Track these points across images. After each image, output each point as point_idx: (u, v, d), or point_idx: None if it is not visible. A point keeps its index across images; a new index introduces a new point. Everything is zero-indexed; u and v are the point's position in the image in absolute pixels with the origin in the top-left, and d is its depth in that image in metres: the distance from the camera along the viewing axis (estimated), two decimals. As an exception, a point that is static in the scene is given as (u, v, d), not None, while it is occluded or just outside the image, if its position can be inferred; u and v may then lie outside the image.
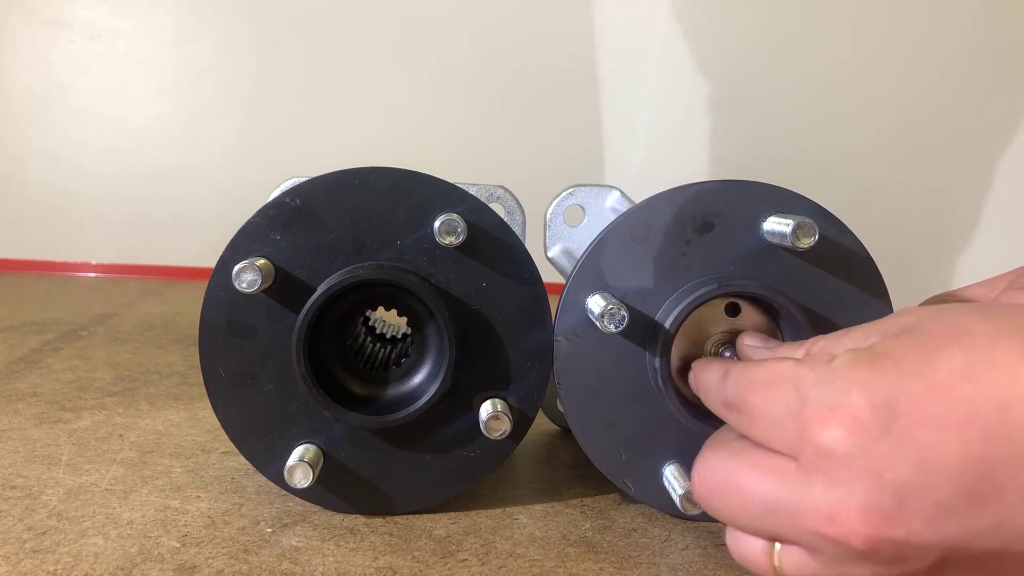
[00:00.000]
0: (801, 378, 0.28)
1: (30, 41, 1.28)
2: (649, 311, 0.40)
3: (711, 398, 0.34)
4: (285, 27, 1.31)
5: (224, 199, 1.27)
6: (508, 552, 0.39)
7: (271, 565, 0.36)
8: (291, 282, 0.39)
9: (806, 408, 0.27)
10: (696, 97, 1.30)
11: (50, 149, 1.31)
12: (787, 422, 0.27)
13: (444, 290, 0.40)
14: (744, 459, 0.29)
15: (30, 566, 0.35)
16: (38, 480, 0.45)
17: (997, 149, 1.27)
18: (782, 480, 0.27)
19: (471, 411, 0.41)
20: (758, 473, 0.28)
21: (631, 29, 1.31)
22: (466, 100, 1.33)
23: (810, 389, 0.27)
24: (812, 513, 0.26)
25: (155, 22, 1.29)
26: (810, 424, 0.26)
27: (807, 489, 0.26)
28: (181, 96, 1.31)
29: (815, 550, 0.27)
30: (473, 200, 0.40)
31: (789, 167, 1.26)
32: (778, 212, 0.39)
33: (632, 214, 0.40)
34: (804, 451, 0.27)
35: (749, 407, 0.30)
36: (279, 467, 0.39)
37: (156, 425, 0.55)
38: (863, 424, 0.25)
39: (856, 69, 1.27)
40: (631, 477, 0.42)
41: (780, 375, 0.29)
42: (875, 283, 0.40)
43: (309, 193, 0.39)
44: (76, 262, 1.31)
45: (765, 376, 0.29)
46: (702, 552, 0.39)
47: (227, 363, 0.40)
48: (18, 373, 0.68)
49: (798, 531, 0.27)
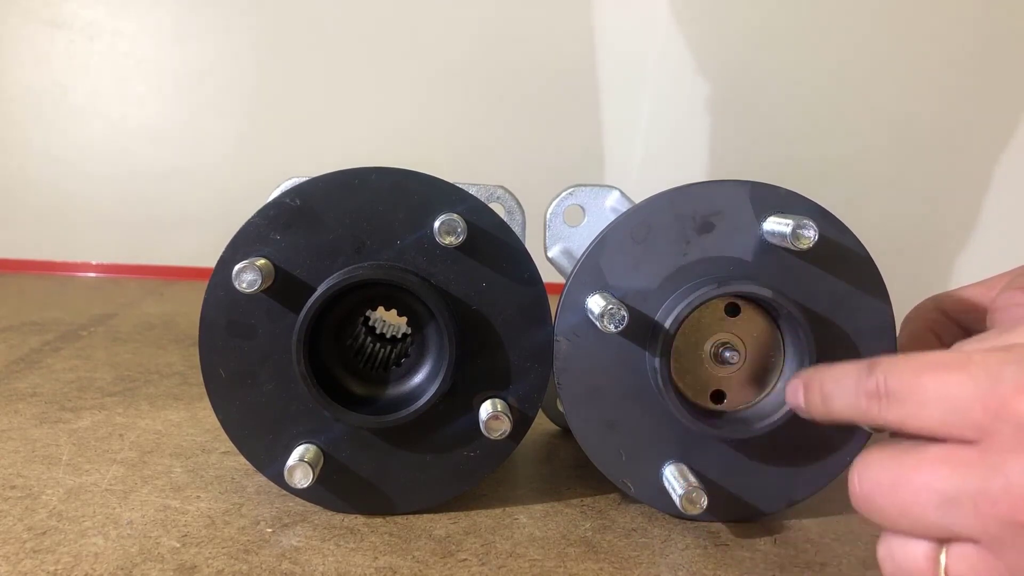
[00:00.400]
0: (988, 359, 0.26)
1: (30, 41, 1.28)
2: (649, 311, 0.40)
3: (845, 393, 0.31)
4: (285, 27, 1.31)
5: (224, 199, 1.26)
6: (508, 552, 0.39)
7: (271, 565, 0.36)
8: (291, 282, 0.39)
9: (1000, 384, 0.25)
10: (696, 97, 1.30)
11: (50, 149, 1.30)
12: (975, 401, 0.25)
13: (444, 290, 0.40)
14: (916, 452, 0.27)
15: (30, 566, 0.35)
16: (38, 480, 0.45)
17: (996, 149, 1.27)
18: (966, 467, 0.25)
19: (471, 411, 0.41)
20: (935, 463, 0.26)
21: (631, 29, 1.31)
22: (466, 100, 1.33)
23: (1003, 367, 0.26)
24: (1004, 497, 0.24)
25: (155, 22, 1.29)
26: (1008, 399, 0.25)
27: (998, 472, 0.25)
28: (181, 96, 1.31)
29: (998, 543, 0.25)
30: (473, 200, 0.40)
31: (789, 167, 1.26)
32: (778, 212, 0.39)
33: (632, 214, 0.40)
34: (1000, 429, 0.25)
35: (919, 391, 0.27)
36: (279, 467, 0.39)
37: (156, 425, 0.55)
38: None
39: (855, 69, 1.27)
40: (631, 477, 0.42)
41: (956, 359, 0.27)
42: (875, 283, 0.40)
43: (309, 193, 0.39)
44: (76, 262, 1.31)
45: (937, 360, 0.27)
46: (702, 552, 0.39)
47: (227, 363, 0.40)
48: (18, 373, 0.68)
49: (983, 520, 0.25)
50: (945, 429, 0.26)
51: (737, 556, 0.39)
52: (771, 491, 0.42)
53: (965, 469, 0.25)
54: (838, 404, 0.31)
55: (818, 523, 0.43)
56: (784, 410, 0.39)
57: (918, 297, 0.42)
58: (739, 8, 1.28)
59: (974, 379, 0.26)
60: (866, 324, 0.40)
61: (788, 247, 0.37)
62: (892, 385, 0.28)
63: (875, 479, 0.28)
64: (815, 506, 0.44)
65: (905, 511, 0.27)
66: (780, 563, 0.38)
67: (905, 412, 0.28)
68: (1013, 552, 0.25)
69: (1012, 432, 0.25)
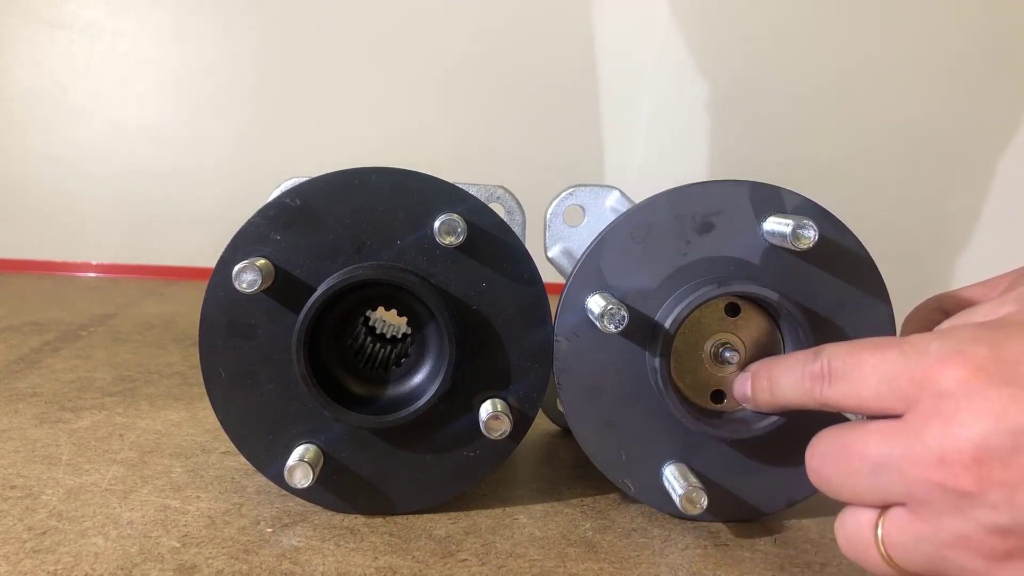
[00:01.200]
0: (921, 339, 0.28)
1: (30, 41, 1.28)
2: (649, 311, 0.40)
3: (792, 377, 0.33)
4: (285, 27, 1.31)
5: (224, 199, 1.27)
6: (508, 552, 0.39)
7: (271, 565, 0.36)
8: (291, 282, 0.39)
9: (926, 357, 0.27)
10: (696, 98, 1.30)
11: (50, 149, 1.30)
12: (904, 374, 0.28)
13: (444, 290, 0.40)
14: (855, 427, 0.30)
15: (30, 566, 0.35)
16: (38, 480, 0.45)
17: (997, 149, 1.27)
18: (893, 435, 0.28)
19: (471, 411, 0.41)
20: (869, 434, 0.29)
21: (631, 29, 1.31)
22: (466, 100, 1.33)
23: (931, 343, 0.28)
24: (923, 459, 0.26)
25: (155, 22, 1.29)
26: (931, 369, 0.27)
27: (919, 438, 0.27)
28: (181, 96, 1.31)
29: (921, 503, 0.27)
30: (473, 200, 0.40)
31: (789, 167, 1.26)
32: (778, 212, 0.39)
33: (632, 214, 0.40)
34: (922, 398, 0.27)
35: (857, 369, 0.29)
36: (279, 467, 0.39)
37: (156, 425, 0.55)
38: (987, 371, 0.26)
39: (856, 69, 1.27)
40: (631, 477, 0.42)
41: (894, 340, 0.29)
42: (875, 283, 0.40)
43: (309, 193, 0.39)
44: (76, 262, 1.31)
45: (876, 341, 0.30)
46: (702, 552, 0.39)
47: (227, 363, 0.40)
48: (18, 373, 0.68)
49: (907, 482, 0.27)
50: (878, 402, 0.29)
51: (737, 556, 0.39)
52: (771, 491, 0.42)
53: (893, 437, 0.28)
54: (784, 388, 0.34)
55: (818, 523, 0.43)
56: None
57: (918, 297, 0.42)
58: (739, 9, 1.28)
59: (904, 355, 0.28)
60: (866, 324, 0.40)
61: (788, 247, 0.37)
62: (835, 365, 0.31)
63: (823, 451, 0.31)
64: (815, 506, 0.44)
65: (845, 479, 0.30)
66: (780, 563, 0.38)
67: (845, 389, 0.30)
68: (935, 513, 0.27)
69: (932, 400, 0.27)
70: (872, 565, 0.29)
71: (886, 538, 0.28)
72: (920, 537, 0.27)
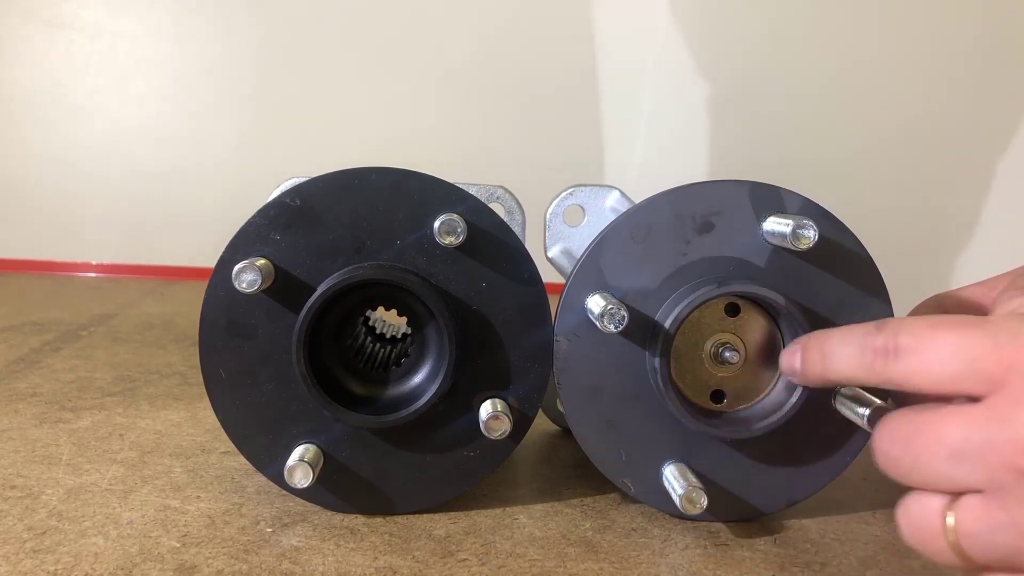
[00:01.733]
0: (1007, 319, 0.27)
1: (30, 41, 1.28)
2: (649, 311, 0.40)
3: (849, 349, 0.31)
4: (285, 27, 1.31)
5: (224, 199, 1.27)
6: (508, 552, 0.39)
7: (271, 565, 0.36)
8: (291, 282, 0.39)
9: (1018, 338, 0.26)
10: (696, 97, 1.30)
11: (50, 149, 1.30)
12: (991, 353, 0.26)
13: (444, 290, 0.40)
14: (932, 409, 0.28)
15: (30, 566, 0.35)
16: (38, 480, 0.45)
17: (997, 149, 1.27)
18: (976, 420, 0.26)
19: (471, 411, 0.41)
20: (948, 417, 0.27)
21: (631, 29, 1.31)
22: (466, 100, 1.33)
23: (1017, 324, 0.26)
24: (1008, 444, 0.25)
25: (155, 22, 1.29)
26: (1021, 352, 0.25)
27: (1005, 423, 0.25)
28: (181, 96, 1.31)
29: (1002, 492, 0.26)
30: (473, 200, 0.40)
31: (789, 167, 1.26)
32: (778, 212, 0.39)
33: (632, 214, 0.40)
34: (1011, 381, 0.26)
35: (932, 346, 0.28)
36: (279, 467, 0.39)
37: (156, 425, 0.55)
38: None
39: (856, 69, 1.27)
40: (631, 477, 0.42)
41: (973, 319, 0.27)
42: (875, 283, 0.40)
43: (309, 193, 0.39)
44: (76, 262, 1.31)
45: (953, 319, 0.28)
46: (702, 552, 0.39)
47: (227, 363, 0.40)
48: (18, 373, 0.68)
49: (989, 469, 0.26)
50: (955, 384, 0.27)
51: (737, 556, 0.39)
52: (771, 491, 0.42)
53: (975, 422, 0.26)
54: (839, 362, 0.32)
55: (818, 523, 0.43)
56: (784, 410, 0.39)
57: (919, 297, 0.42)
58: (739, 9, 1.28)
59: (992, 335, 0.26)
60: (866, 324, 0.40)
61: (788, 247, 0.37)
62: (903, 341, 0.29)
63: (893, 433, 0.29)
64: (815, 506, 0.44)
65: (917, 463, 0.28)
66: (780, 563, 0.38)
67: (914, 367, 0.28)
68: (1017, 501, 0.25)
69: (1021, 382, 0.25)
70: (937, 553, 0.28)
71: (959, 526, 0.27)
72: (997, 527, 0.26)
